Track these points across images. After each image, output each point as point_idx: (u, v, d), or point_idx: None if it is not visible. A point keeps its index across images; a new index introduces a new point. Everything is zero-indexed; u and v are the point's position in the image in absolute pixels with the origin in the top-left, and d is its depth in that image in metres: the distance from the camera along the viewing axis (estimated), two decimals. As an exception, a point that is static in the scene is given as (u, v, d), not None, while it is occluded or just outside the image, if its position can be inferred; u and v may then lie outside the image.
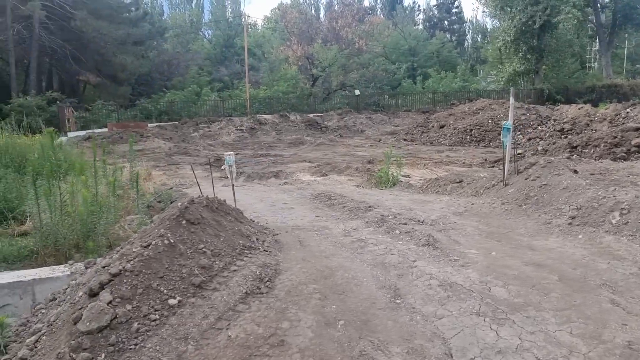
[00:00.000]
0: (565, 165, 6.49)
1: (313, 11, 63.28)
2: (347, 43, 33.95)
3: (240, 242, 4.53)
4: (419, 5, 75.35)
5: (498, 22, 38.88)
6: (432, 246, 4.92)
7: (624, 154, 13.01)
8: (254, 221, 5.66)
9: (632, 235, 4.76)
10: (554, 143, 15.24)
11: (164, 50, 41.60)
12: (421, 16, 71.11)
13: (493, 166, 14.06)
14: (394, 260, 4.52)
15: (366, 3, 72.03)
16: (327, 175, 14.74)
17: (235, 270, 4.02)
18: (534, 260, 4.50)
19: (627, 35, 42.44)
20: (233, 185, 6.82)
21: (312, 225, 6.25)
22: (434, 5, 68.41)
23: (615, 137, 13.75)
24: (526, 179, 6.41)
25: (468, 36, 70.65)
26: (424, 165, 16.03)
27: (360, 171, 14.93)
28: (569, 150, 14.49)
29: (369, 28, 36.76)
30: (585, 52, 44.08)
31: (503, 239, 5.25)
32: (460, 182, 8.45)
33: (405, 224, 5.75)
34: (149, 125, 27.87)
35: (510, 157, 7.15)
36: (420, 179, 12.51)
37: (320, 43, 32.49)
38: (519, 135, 21.54)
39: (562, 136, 19.13)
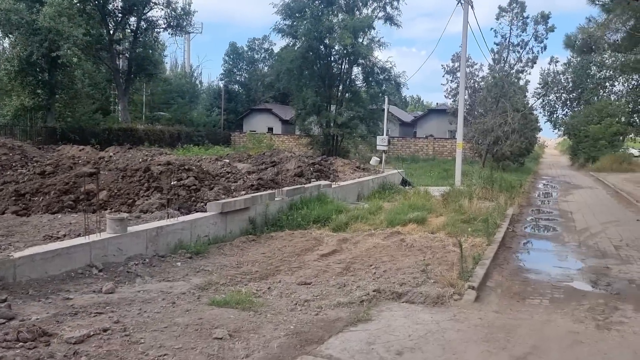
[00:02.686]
0: None
1: None
2: None
3: None
4: None
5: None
6: None
7: (72, 202, 11.71)
8: None
9: None
10: (1, 190, 12.71)
11: None
12: None
13: None
14: None
15: None
16: None
17: None
18: None
19: (143, 84, 45.02)
20: None
21: None
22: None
23: (67, 184, 12.37)
24: None
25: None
26: None
27: None
28: (14, 198, 12.24)
29: None
30: (107, 95, 44.33)
31: None
32: None
33: None
34: None
35: None
36: None
37: None
38: (-6, 178, 18.14)
39: (43, 179, 16.99)
